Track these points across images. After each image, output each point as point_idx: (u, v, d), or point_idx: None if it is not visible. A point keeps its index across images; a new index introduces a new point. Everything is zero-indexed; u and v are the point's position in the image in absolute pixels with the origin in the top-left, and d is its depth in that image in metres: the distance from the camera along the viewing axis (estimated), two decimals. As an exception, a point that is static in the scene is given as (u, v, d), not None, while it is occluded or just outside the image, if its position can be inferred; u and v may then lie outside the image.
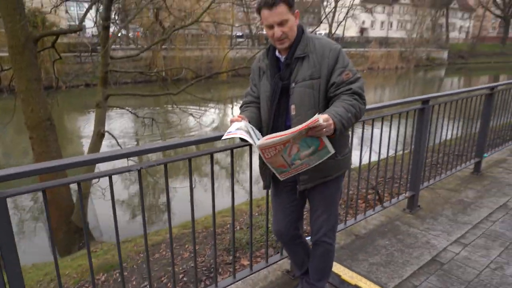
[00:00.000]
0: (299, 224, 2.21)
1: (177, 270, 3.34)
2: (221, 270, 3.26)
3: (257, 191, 5.83)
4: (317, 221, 2.07)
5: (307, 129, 1.50)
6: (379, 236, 3.19)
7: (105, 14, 5.15)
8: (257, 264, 2.52)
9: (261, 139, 1.58)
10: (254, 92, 2.05)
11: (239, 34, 38.84)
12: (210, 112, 17.76)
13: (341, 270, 2.65)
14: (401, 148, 3.56)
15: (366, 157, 3.16)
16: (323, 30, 48.02)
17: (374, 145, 3.11)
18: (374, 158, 3.23)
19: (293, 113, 1.84)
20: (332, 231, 2.11)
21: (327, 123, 1.56)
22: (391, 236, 3.19)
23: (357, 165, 3.54)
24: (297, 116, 1.82)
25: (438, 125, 3.90)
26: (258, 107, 2.01)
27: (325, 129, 1.55)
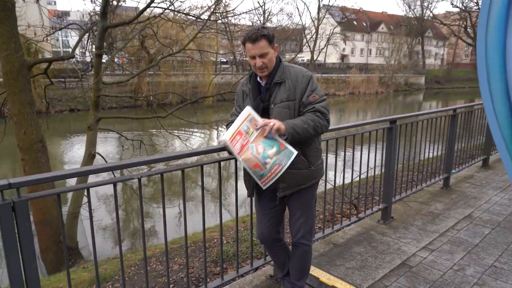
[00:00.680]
0: (280, 228, 2.47)
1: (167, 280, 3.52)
2: (209, 280, 3.44)
3: (243, 210, 6.05)
4: (295, 224, 2.34)
5: (250, 121, 1.95)
6: (355, 244, 3.46)
7: (98, 43, 5.47)
8: (242, 268, 2.75)
9: (225, 135, 1.97)
10: (238, 112, 2.36)
11: (224, 60, 39.72)
12: (195, 135, 18.03)
13: (320, 273, 2.91)
14: (378, 165, 3.91)
15: (347, 174, 3.48)
16: (306, 57, 49.63)
17: (349, 162, 3.43)
18: (355, 174, 3.56)
19: None
20: (309, 233, 2.38)
21: (272, 121, 2.00)
22: (366, 244, 3.47)
23: (336, 180, 3.85)
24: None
25: (411, 144, 4.28)
26: None
27: (271, 123, 1.98)
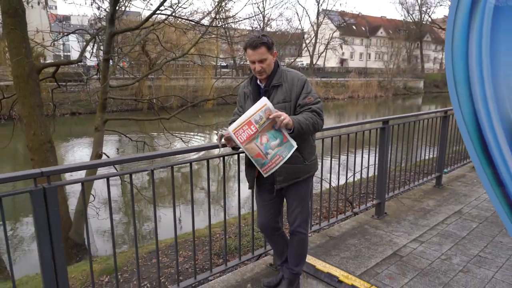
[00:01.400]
0: (279, 218, 2.69)
1: (173, 271, 3.74)
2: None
3: (243, 210, 6.27)
4: (292, 214, 2.56)
5: (264, 111, 2.05)
6: (350, 237, 3.68)
7: (106, 48, 5.72)
8: (245, 255, 2.97)
9: (230, 126, 2.10)
10: (240, 111, 2.60)
11: (224, 64, 40.05)
12: (196, 137, 18.31)
13: (316, 262, 3.12)
14: (372, 165, 4.13)
15: (343, 173, 3.71)
16: (305, 61, 49.99)
17: (345, 162, 3.66)
18: (351, 173, 3.78)
19: None
20: (305, 222, 2.60)
21: (283, 114, 2.12)
22: (360, 236, 3.69)
23: (333, 179, 4.07)
24: None
25: (403, 144, 4.50)
26: None
27: (282, 117, 2.10)
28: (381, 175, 4.08)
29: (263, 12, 36.21)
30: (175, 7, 6.84)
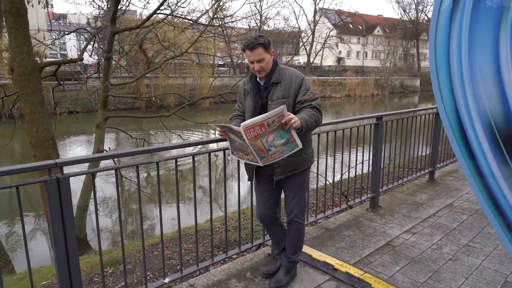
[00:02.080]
0: (277, 209, 2.83)
1: (174, 262, 3.88)
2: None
3: (246, 204, 6.39)
4: (290, 205, 2.70)
5: (279, 116, 2.12)
6: (345, 229, 3.82)
7: (107, 47, 5.83)
8: (244, 245, 3.10)
9: (244, 122, 2.17)
10: (240, 107, 2.74)
11: (221, 63, 40.08)
12: (194, 135, 18.45)
13: (312, 252, 3.26)
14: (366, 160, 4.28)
15: (339, 168, 3.84)
16: (302, 60, 50.10)
17: (341, 158, 3.80)
18: (347, 168, 3.93)
19: None
20: (302, 213, 2.74)
21: (295, 117, 2.21)
22: (355, 228, 3.83)
23: (330, 174, 4.21)
24: None
25: (396, 140, 4.65)
26: (243, 119, 2.68)
27: (293, 120, 2.19)
28: (375, 170, 4.22)
29: (260, 11, 36.27)
30: (173, 7, 6.97)
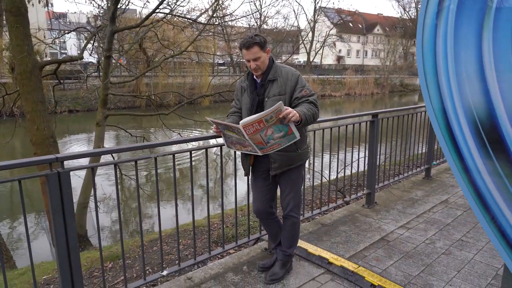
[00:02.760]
0: (273, 204, 2.89)
1: (173, 257, 3.95)
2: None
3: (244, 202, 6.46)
4: (285, 199, 2.76)
5: (277, 112, 2.17)
6: (341, 224, 3.89)
7: (107, 46, 5.89)
8: (241, 239, 3.17)
9: (242, 120, 2.23)
10: (237, 104, 2.80)
11: (221, 62, 40.09)
12: (194, 133, 18.53)
13: (308, 246, 3.32)
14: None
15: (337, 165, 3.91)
16: (302, 58, 50.12)
17: (340, 156, 3.86)
18: (344, 165, 4.00)
19: None
20: (297, 207, 2.80)
21: (293, 111, 2.24)
22: (351, 224, 3.89)
23: (327, 171, 4.28)
24: None
25: (392, 137, 4.71)
26: (239, 115, 2.75)
27: (291, 114, 2.22)
28: (371, 166, 4.28)
29: (260, 10, 36.32)
30: (173, 6, 7.02)
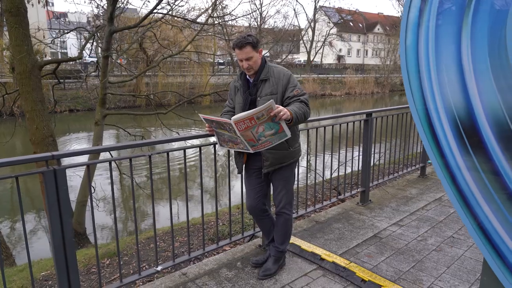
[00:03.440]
0: (266, 201, 2.95)
1: (170, 254, 4.00)
2: (207, 254, 3.92)
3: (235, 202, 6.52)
4: (278, 196, 2.82)
5: (268, 110, 2.22)
6: (335, 221, 3.94)
7: (105, 46, 5.95)
8: (235, 236, 3.23)
9: (233, 116, 2.28)
10: (230, 103, 2.86)
11: (221, 61, 40.14)
12: (193, 132, 18.57)
13: (301, 243, 3.38)
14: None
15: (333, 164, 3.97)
16: (302, 58, 50.13)
17: (336, 155, 3.92)
18: (340, 164, 4.06)
19: None
20: (289, 204, 2.86)
21: (284, 109, 2.29)
22: (344, 221, 3.95)
23: (324, 170, 4.33)
24: None
25: (387, 136, 4.77)
26: (232, 114, 2.81)
27: (282, 112, 2.27)
28: (365, 164, 4.34)
29: (260, 8, 36.35)
30: (172, 5, 7.08)
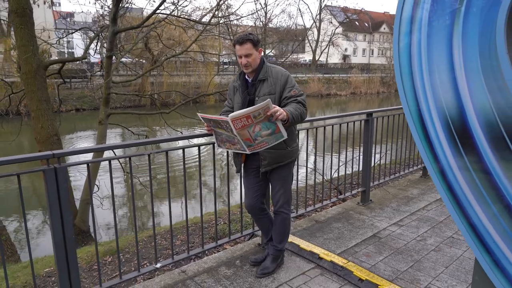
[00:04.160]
0: (264, 200, 2.98)
1: (170, 252, 4.04)
2: (206, 251, 3.95)
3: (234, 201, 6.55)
4: (276, 196, 2.85)
5: (265, 109, 2.24)
6: (335, 221, 3.96)
7: (109, 46, 6.02)
8: (234, 234, 3.26)
9: (231, 114, 2.30)
10: (229, 103, 2.90)
11: (226, 61, 40.15)
12: (197, 132, 18.62)
13: (300, 242, 3.40)
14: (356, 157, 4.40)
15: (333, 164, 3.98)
16: (307, 57, 50.03)
17: (336, 154, 3.94)
18: (341, 163, 4.08)
19: None
20: (287, 203, 2.89)
21: (280, 110, 2.33)
22: (344, 221, 3.97)
23: (324, 170, 4.35)
24: None
25: (394, 136, 4.77)
26: None
27: (278, 112, 2.31)
28: (365, 164, 4.35)
29: (265, 8, 36.33)
30: (176, 5, 7.13)
